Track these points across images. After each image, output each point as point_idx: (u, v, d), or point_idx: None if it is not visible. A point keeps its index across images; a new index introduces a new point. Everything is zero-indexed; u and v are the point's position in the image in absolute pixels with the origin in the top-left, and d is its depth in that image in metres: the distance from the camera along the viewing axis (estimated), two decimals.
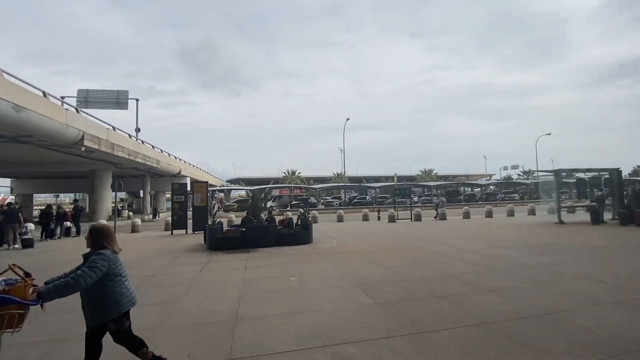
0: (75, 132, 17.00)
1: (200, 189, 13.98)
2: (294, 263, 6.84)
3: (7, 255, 9.37)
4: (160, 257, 8.06)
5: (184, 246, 9.85)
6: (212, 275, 6.00)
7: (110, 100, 29.16)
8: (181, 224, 13.80)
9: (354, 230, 13.16)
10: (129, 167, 28.22)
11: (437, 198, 40.42)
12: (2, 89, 12.02)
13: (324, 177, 74.58)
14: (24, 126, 13.54)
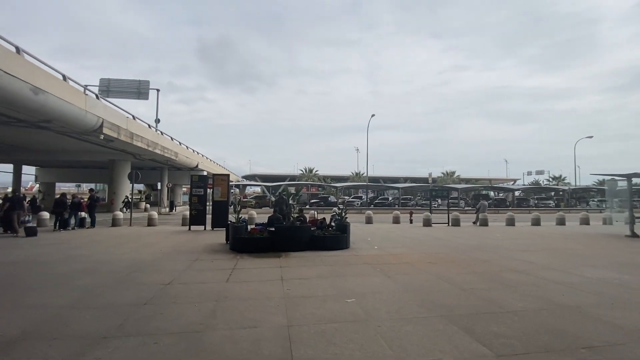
0: (95, 119, 16.30)
1: (221, 182, 12.89)
2: (341, 276, 5.53)
3: (11, 241, 8.53)
4: (177, 258, 6.93)
5: (204, 245, 8.73)
6: (242, 288, 4.76)
7: (132, 90, 28.72)
8: (200, 219, 12.77)
9: (390, 234, 11.76)
10: (147, 158, 27.74)
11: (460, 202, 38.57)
12: (22, 69, 11.26)
13: (341, 176, 73.23)
14: (42, 110, 12.81)
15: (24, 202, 11.58)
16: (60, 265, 6.18)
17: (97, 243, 9.11)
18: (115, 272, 5.61)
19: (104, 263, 6.39)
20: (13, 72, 10.74)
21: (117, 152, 24.96)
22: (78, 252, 7.62)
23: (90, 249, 8.02)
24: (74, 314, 3.64)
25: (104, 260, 6.70)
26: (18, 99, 11.32)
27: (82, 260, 6.62)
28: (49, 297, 4.22)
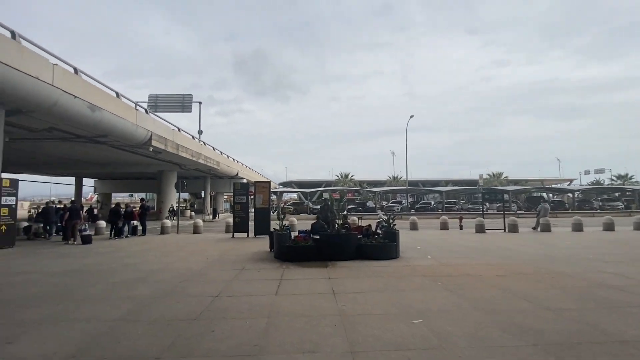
0: (144, 132, 17.26)
1: (263, 189, 12.88)
2: (398, 290, 5.00)
3: (69, 249, 9.08)
4: (224, 268, 6.82)
5: (249, 253, 8.62)
6: (293, 302, 4.43)
7: (176, 104, 30.35)
8: (243, 227, 12.83)
9: (441, 241, 10.90)
10: (192, 168, 29.01)
11: (512, 205, 35.52)
12: (79, 88, 12.16)
13: (377, 181, 71.73)
14: (99, 126, 13.74)
15: (80, 212, 12.41)
16: (114, 274, 6.31)
17: (148, 251, 9.38)
18: (165, 282, 5.58)
19: (154, 272, 6.43)
20: (72, 91, 11.61)
21: (165, 163, 26.37)
22: (130, 260, 7.83)
23: (141, 258, 8.23)
24: (126, 329, 3.53)
25: (154, 269, 6.77)
26: (77, 116, 12.20)
27: (134, 269, 6.74)
28: (102, 309, 4.19)
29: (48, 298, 4.70)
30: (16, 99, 9.89)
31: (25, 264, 7.43)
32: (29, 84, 9.86)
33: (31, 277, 6.10)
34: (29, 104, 10.37)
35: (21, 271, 6.63)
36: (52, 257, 8.40)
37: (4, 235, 9.96)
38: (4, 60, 9.00)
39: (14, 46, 9.47)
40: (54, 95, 10.84)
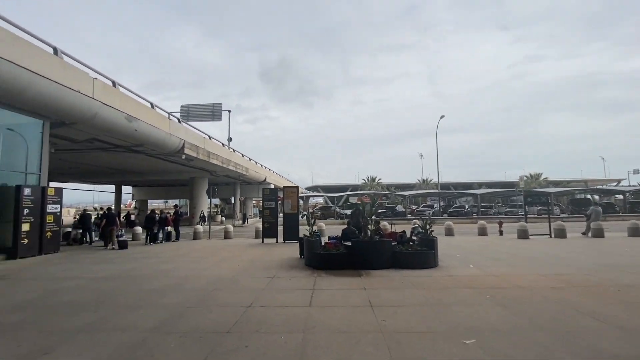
0: (177, 141, 17.85)
1: (291, 194, 12.78)
2: (442, 304, 4.58)
3: (107, 255, 9.40)
4: (255, 275, 6.69)
5: (279, 260, 8.46)
6: (329, 315, 4.16)
7: (207, 113, 31.33)
8: (272, 232, 12.77)
9: (481, 248, 10.19)
10: (222, 174, 29.75)
11: (555, 208, 33.06)
12: (117, 100, 12.75)
13: (406, 184, 70.03)
14: (135, 135, 14.35)
15: (117, 218, 13.00)
16: (148, 281, 6.36)
17: (181, 257, 9.50)
18: (197, 290, 5.52)
19: (187, 279, 6.42)
20: (110, 103, 12.17)
21: (196, 170, 27.22)
22: (164, 267, 7.93)
23: (174, 264, 8.32)
24: (159, 341, 3.42)
25: (187, 275, 6.77)
26: (115, 126, 12.79)
27: (168, 276, 6.78)
28: (137, 318, 4.15)
29: (87, 305, 4.76)
30: (60, 111, 10.49)
31: (68, 269, 7.73)
32: (71, 97, 10.43)
33: (72, 283, 6.28)
34: (72, 116, 10.98)
35: (64, 277, 6.88)
36: (92, 263, 8.71)
37: (49, 241, 10.53)
38: (48, 76, 9.56)
39: (57, 62, 10.06)
40: (94, 107, 11.42)
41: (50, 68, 9.70)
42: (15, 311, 4.51)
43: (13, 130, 10.48)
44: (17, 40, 8.87)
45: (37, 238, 10.08)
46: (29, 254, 9.79)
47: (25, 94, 9.22)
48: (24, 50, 8.96)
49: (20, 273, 7.29)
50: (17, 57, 8.72)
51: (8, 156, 10.24)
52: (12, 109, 9.86)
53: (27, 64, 8.94)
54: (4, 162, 10.09)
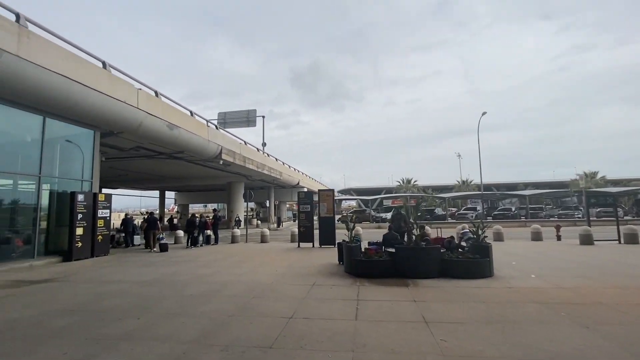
0: (215, 147, 18.35)
1: (327, 198, 12.48)
2: (509, 321, 3.98)
3: (151, 257, 9.71)
4: (294, 282, 6.43)
5: (317, 265, 8.16)
6: (379, 332, 3.75)
7: (242, 119, 32.14)
8: (308, 236, 12.54)
9: (539, 255, 9.18)
10: (257, 179, 30.29)
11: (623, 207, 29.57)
12: (159, 109, 13.29)
13: (444, 186, 67.11)
14: (176, 142, 14.89)
15: (158, 222, 13.56)
16: (188, 286, 6.34)
17: (220, 261, 9.54)
18: (236, 297, 5.36)
19: (225, 285, 6.32)
20: (153, 112, 12.70)
21: (233, 175, 27.93)
22: (204, 271, 7.95)
23: (214, 268, 8.32)
24: (200, 355, 3.23)
25: (225, 281, 6.68)
26: (158, 134, 13.33)
27: (208, 281, 6.73)
28: (178, 327, 4.03)
29: (130, 311, 4.76)
30: (108, 121, 11.09)
31: (115, 273, 8.01)
32: (118, 108, 10.98)
33: (118, 286, 6.43)
34: (119, 125, 11.57)
35: (110, 280, 7.10)
36: (136, 266, 8.99)
37: (100, 244, 11.12)
38: (98, 88, 10.12)
39: (106, 75, 10.63)
40: (139, 116, 11.96)
41: (100, 81, 10.28)
42: (65, 315, 4.61)
43: (70, 141, 11.23)
44: (71, 56, 9.47)
45: (89, 241, 10.67)
46: (82, 257, 10.37)
47: (78, 106, 9.83)
48: (77, 66, 9.55)
49: (72, 276, 7.66)
50: (71, 72, 9.30)
51: (65, 165, 10.97)
52: (66, 120, 10.57)
53: (79, 78, 9.51)
54: (61, 171, 10.82)
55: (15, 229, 9.70)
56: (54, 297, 5.65)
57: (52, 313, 4.71)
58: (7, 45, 7.73)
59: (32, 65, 8.27)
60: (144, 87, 12.66)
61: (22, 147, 9.96)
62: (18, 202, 9.92)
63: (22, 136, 9.90)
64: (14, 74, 7.94)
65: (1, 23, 7.68)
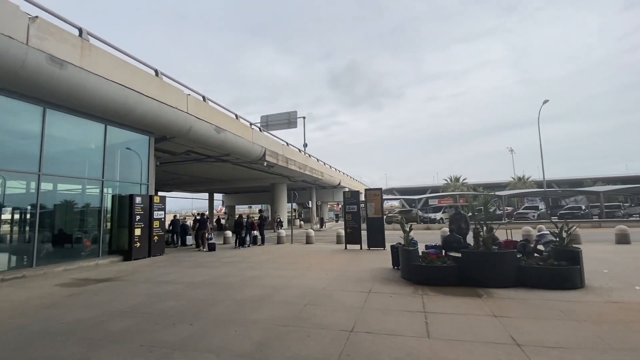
0: (259, 149, 18.57)
1: (374, 197, 11.84)
2: (634, 349, 3.14)
3: (202, 258, 9.87)
4: (348, 288, 5.97)
5: (370, 270, 7.62)
6: (461, 355, 3.13)
7: (283, 121, 32.52)
8: (355, 238, 12.01)
9: (634, 261, 7.73)
10: (299, 179, 30.40)
11: None
12: (207, 113, 13.63)
13: (496, 183, 62.47)
14: (223, 145, 15.23)
15: (207, 222, 14.13)
16: (239, 290, 6.16)
17: (268, 262, 9.39)
18: (289, 303, 5.02)
19: (276, 289, 6.04)
20: (201, 116, 13.05)
21: (276, 177, 28.28)
22: (253, 272, 7.80)
23: (263, 270, 8.15)
24: None
25: (275, 284, 6.42)
26: (206, 137, 13.68)
27: (258, 284, 6.52)
28: (231, 337, 3.76)
29: (184, 315, 4.63)
30: (161, 126, 11.53)
31: (169, 273, 8.16)
32: (170, 113, 11.39)
33: (172, 288, 6.46)
34: (171, 130, 12.01)
35: (165, 280, 7.20)
36: (189, 266, 9.15)
37: (156, 244, 11.60)
38: (151, 95, 10.55)
39: (158, 82, 11.06)
40: (189, 121, 12.34)
41: (153, 88, 10.71)
42: (122, 317, 4.60)
43: (129, 147, 11.90)
44: (126, 65, 9.95)
45: (146, 242, 11.18)
46: (141, 256, 10.88)
47: (134, 113, 10.32)
48: (132, 74, 10.01)
49: (131, 275, 7.94)
50: (127, 81, 9.77)
51: (125, 169, 11.64)
52: (124, 127, 11.18)
53: (134, 86, 9.97)
54: (121, 175, 11.49)
55: (85, 230, 10.43)
56: (113, 297, 5.78)
57: (110, 314, 4.74)
58: (71, 58, 8.26)
59: (93, 76, 8.77)
60: (192, 93, 13.05)
61: (87, 154, 10.69)
62: (86, 205, 10.67)
63: (87, 143, 10.63)
64: (77, 84, 8.47)
65: (66, 37, 8.23)
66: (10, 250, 8.36)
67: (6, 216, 8.57)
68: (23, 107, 8.48)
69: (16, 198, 8.87)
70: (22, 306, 5.30)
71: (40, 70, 7.67)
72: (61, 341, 3.77)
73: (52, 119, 9.08)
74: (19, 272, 7.89)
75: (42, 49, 7.62)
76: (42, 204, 8.99)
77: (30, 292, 6.32)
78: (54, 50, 7.88)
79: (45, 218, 9.16)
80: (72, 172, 9.96)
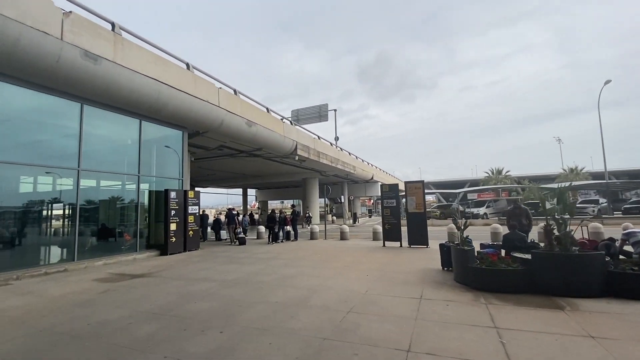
0: (291, 143, 18.17)
1: (416, 191, 10.92)
2: None
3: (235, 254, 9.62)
4: (394, 292, 5.26)
5: (415, 271, 6.83)
6: None
7: (314, 115, 32.00)
8: (394, 235, 11.19)
9: None
10: (331, 174, 29.81)
11: None
12: (238, 107, 13.39)
13: (543, 176, 57.82)
14: (254, 139, 14.97)
15: (236, 218, 14.58)
16: (273, 291, 5.68)
17: (302, 260, 8.90)
18: (328, 310, 4.43)
19: (313, 291, 5.48)
20: (233, 110, 12.80)
21: (307, 171, 27.92)
22: (287, 271, 7.33)
23: (297, 268, 7.66)
24: None
25: (312, 286, 5.86)
26: (238, 131, 13.46)
27: (293, 285, 6.02)
28: (262, 353, 3.23)
29: (214, 319, 4.21)
30: (194, 121, 11.40)
31: (203, 269, 7.93)
32: (202, 107, 11.22)
33: (204, 286, 6.14)
34: (203, 124, 11.87)
35: (197, 277, 6.93)
36: (222, 262, 8.90)
37: (191, 239, 11.58)
38: (184, 89, 10.40)
39: (190, 76, 10.89)
40: (220, 115, 12.14)
41: (185, 82, 10.57)
42: (151, 320, 4.27)
43: (163, 143, 11.95)
44: (159, 59, 9.85)
45: (181, 236, 11.17)
46: (176, 251, 10.89)
47: (167, 107, 10.23)
48: (164, 68, 9.90)
49: (165, 271, 7.79)
50: (160, 75, 9.66)
51: (160, 165, 11.69)
52: (158, 122, 11.18)
53: (167, 80, 9.85)
54: (157, 170, 11.55)
55: (123, 225, 10.59)
56: (144, 295, 5.54)
57: (139, 316, 4.44)
58: (105, 53, 8.21)
59: (127, 70, 8.71)
60: (223, 87, 12.84)
61: (123, 150, 10.80)
62: (123, 200, 10.80)
63: (123, 139, 10.73)
64: (112, 79, 8.43)
65: (100, 32, 8.19)
66: (54, 245, 8.59)
67: (49, 212, 8.80)
68: (62, 104, 8.60)
69: (58, 194, 9.09)
70: (55, 303, 5.19)
71: (76, 65, 7.66)
72: (85, 347, 3.47)
73: (89, 116, 9.18)
74: (61, 266, 8.06)
75: (77, 44, 7.61)
76: (82, 200, 9.16)
77: (67, 287, 6.29)
78: (88, 45, 7.85)
79: (84, 213, 9.34)
80: (109, 167, 10.07)
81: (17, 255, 7.65)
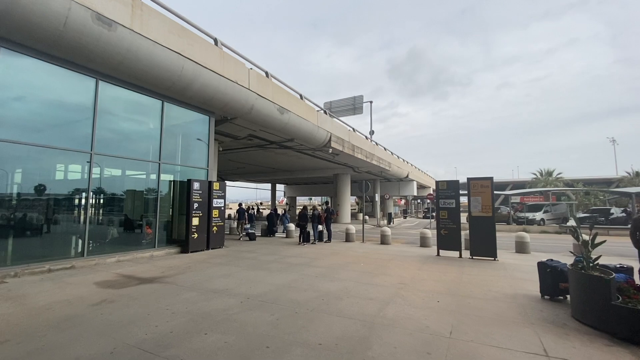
0: (324, 134, 16.61)
1: (482, 189, 8.91)
2: None
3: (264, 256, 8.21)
4: (495, 337, 3.52)
5: (504, 298, 5.00)
6: None
7: (348, 106, 30.17)
8: (452, 243, 9.23)
9: None
10: (364, 170, 27.97)
11: None
12: (270, 91, 12.00)
13: (602, 179, 52.13)
14: (286, 128, 13.57)
15: (245, 213, 14.46)
16: (313, 320, 4.16)
17: (343, 269, 7.31)
18: None
19: (373, 326, 3.87)
20: (264, 94, 11.41)
21: (340, 167, 26.27)
22: (328, 286, 5.78)
23: (340, 281, 6.09)
24: None
25: (368, 316, 4.25)
26: (269, 118, 12.08)
27: (339, 310, 4.45)
28: None
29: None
30: (221, 103, 10.10)
31: (224, 276, 6.59)
32: (230, 88, 9.91)
33: (223, 304, 4.76)
34: (231, 108, 10.58)
35: (216, 289, 5.57)
36: (249, 268, 7.52)
37: (215, 235, 10.37)
38: (210, 67, 9.13)
39: (218, 53, 9.58)
40: (250, 99, 10.81)
41: (212, 59, 9.29)
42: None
43: (187, 128, 10.82)
44: (183, 31, 8.61)
45: (204, 233, 9.98)
46: (198, 249, 9.71)
47: (191, 86, 9.01)
48: (189, 42, 8.65)
49: (179, 275, 6.51)
50: (184, 49, 8.43)
51: (183, 152, 10.58)
52: (182, 104, 10.03)
53: (192, 55, 8.61)
54: (180, 158, 10.44)
55: (141, 217, 9.54)
56: (144, 315, 4.21)
57: (123, 353, 3.05)
58: (121, 18, 7.05)
59: (146, 40, 7.52)
60: (254, 67, 11.51)
61: (144, 134, 9.74)
62: (143, 190, 9.73)
63: (143, 122, 9.66)
64: (128, 49, 7.27)
65: None
66: (62, 238, 7.61)
67: (57, 200, 7.85)
68: (74, 79, 7.59)
69: (67, 181, 8.10)
70: (32, 318, 3.99)
71: (86, 30, 6.54)
72: None
73: (104, 93, 8.13)
74: (68, 262, 7.05)
75: (87, 4, 6.46)
76: (94, 188, 8.16)
77: (61, 292, 5.15)
78: (101, 7, 6.70)
79: (97, 203, 8.35)
80: (127, 152, 9.00)
81: (19, 248, 6.70)
